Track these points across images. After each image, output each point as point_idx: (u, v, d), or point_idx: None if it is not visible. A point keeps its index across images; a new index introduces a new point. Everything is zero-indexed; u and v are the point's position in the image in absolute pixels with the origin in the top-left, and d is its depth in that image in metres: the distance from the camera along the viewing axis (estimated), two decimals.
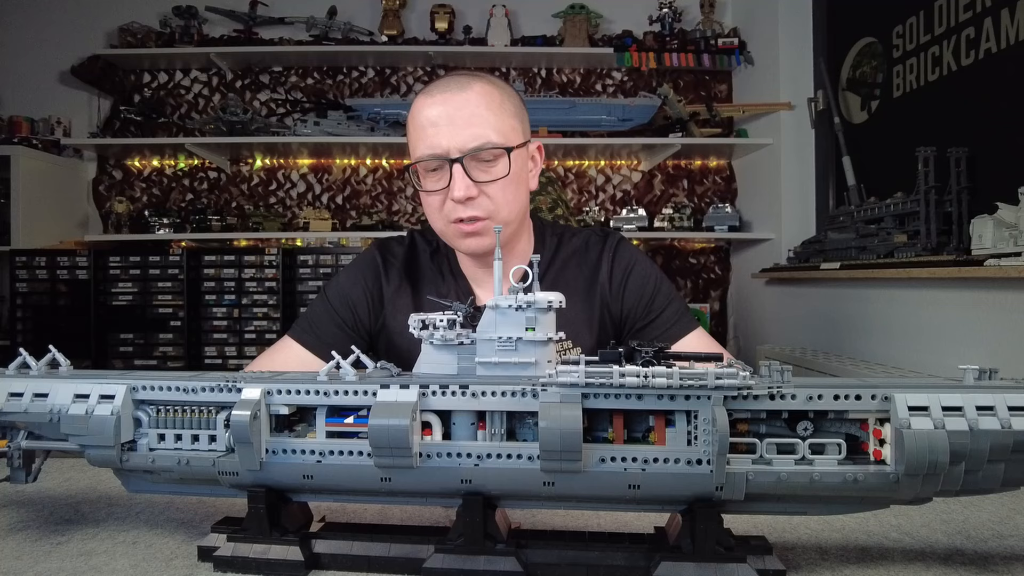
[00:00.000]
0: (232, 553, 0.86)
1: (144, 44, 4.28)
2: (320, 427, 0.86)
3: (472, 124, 1.26)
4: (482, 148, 1.27)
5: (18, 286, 3.81)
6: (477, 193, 1.28)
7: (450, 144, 1.26)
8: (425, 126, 1.29)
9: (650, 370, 0.76)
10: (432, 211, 1.35)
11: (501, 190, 1.30)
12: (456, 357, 0.85)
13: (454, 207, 1.29)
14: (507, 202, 1.32)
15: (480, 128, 1.27)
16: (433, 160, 1.28)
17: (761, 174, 4.24)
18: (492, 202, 1.30)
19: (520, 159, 1.35)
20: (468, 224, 1.30)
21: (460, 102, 1.28)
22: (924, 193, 2.59)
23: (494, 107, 1.30)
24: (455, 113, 1.27)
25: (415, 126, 1.32)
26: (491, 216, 1.31)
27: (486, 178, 1.28)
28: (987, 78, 2.62)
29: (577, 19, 4.31)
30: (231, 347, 3.84)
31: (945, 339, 2.58)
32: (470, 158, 1.27)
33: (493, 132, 1.28)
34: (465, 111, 1.27)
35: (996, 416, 0.75)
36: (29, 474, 0.97)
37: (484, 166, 1.29)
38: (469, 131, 1.26)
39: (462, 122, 1.26)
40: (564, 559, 0.83)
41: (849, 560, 0.90)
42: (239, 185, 4.52)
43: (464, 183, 1.26)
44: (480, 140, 1.26)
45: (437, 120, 1.27)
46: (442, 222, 1.34)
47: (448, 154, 1.26)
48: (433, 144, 1.27)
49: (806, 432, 0.80)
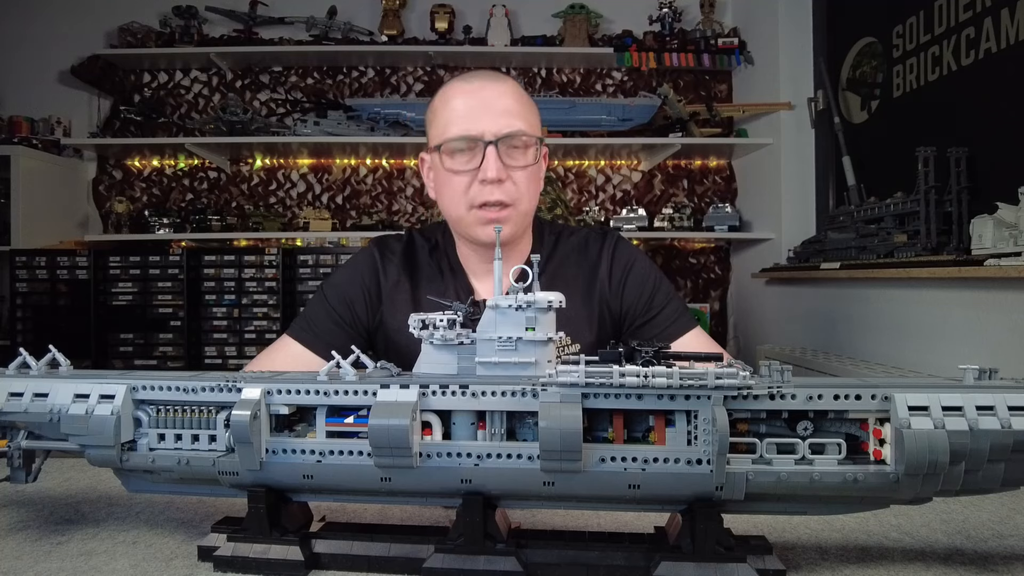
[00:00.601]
0: (232, 553, 0.86)
1: (144, 44, 4.28)
2: (320, 427, 0.86)
3: (508, 112, 1.33)
4: (516, 134, 1.33)
5: (18, 286, 3.81)
6: (506, 176, 1.33)
7: (486, 127, 1.31)
8: (460, 109, 1.34)
9: (650, 370, 0.76)
10: (455, 194, 1.36)
11: (526, 179, 1.36)
12: (456, 357, 0.85)
13: (480, 190, 1.32)
14: (529, 192, 1.37)
15: (513, 118, 1.34)
16: (465, 141, 1.32)
17: (761, 174, 4.24)
18: (517, 189, 1.35)
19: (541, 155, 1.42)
20: (493, 210, 1.33)
21: (497, 91, 1.35)
22: (924, 193, 2.59)
23: (525, 102, 1.39)
24: (493, 100, 1.34)
25: (448, 108, 1.36)
26: (514, 203, 1.35)
27: (517, 164, 1.34)
28: (987, 78, 2.62)
29: (577, 19, 4.31)
30: (231, 347, 3.84)
31: (945, 339, 2.58)
32: (503, 143, 1.32)
33: (524, 123, 1.35)
34: (502, 100, 1.34)
35: (996, 416, 0.75)
36: (29, 474, 0.97)
37: (515, 153, 1.34)
38: (505, 118, 1.33)
39: (498, 110, 1.33)
40: (564, 559, 0.83)
41: (849, 560, 0.90)
42: (239, 185, 4.52)
43: (497, 164, 1.31)
44: (514, 127, 1.33)
45: (474, 104, 1.34)
46: (464, 206, 1.36)
47: (483, 136, 1.31)
48: (468, 127, 1.32)
49: (806, 432, 0.80)
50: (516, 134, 1.32)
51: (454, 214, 1.39)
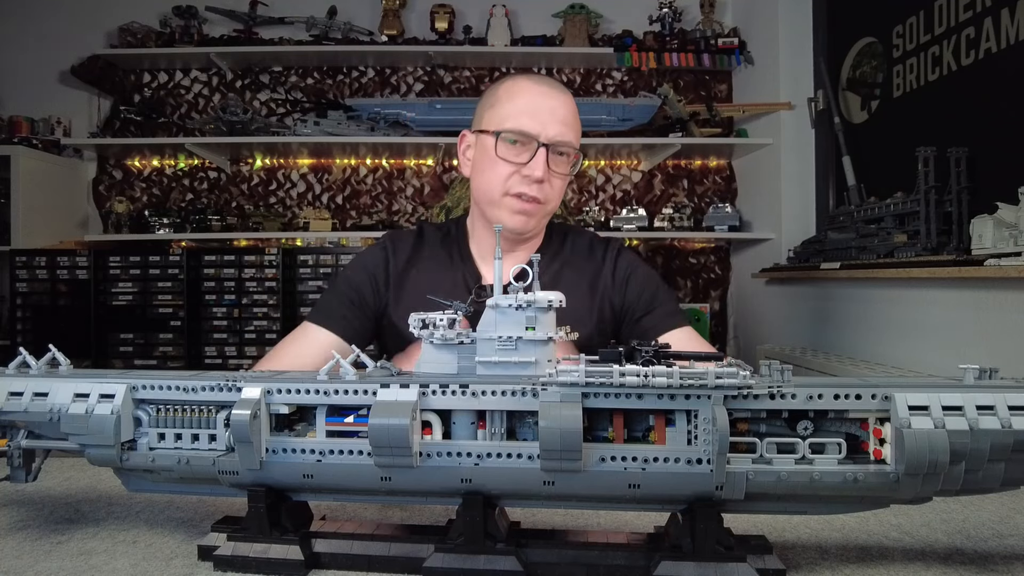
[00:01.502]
0: (232, 552, 0.86)
1: (144, 44, 4.28)
2: (320, 426, 0.86)
3: (565, 122, 1.45)
4: (566, 144, 1.45)
5: (18, 286, 3.81)
6: (548, 178, 1.44)
7: (543, 130, 1.42)
8: (526, 106, 1.44)
9: (650, 369, 0.76)
10: (496, 177, 1.45)
11: (560, 184, 1.49)
12: (456, 356, 0.85)
13: (521, 182, 1.42)
14: (558, 196, 1.50)
15: (569, 128, 1.46)
16: (522, 136, 1.42)
17: (761, 174, 4.24)
18: (552, 192, 1.46)
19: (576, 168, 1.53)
20: (528, 202, 1.43)
21: (561, 100, 1.47)
22: (924, 193, 2.59)
23: (576, 117, 1.51)
24: (557, 108, 1.45)
25: (514, 102, 1.46)
26: (546, 203, 1.46)
27: (559, 170, 1.46)
28: (987, 78, 2.62)
29: (577, 19, 4.31)
30: (231, 347, 3.84)
31: (945, 339, 2.58)
32: (553, 148, 1.43)
33: (573, 136, 1.48)
34: (563, 110, 1.46)
35: (996, 416, 0.75)
36: (29, 473, 0.96)
37: (559, 159, 1.46)
38: (562, 127, 1.44)
39: (559, 117, 1.44)
40: (564, 559, 0.83)
41: (849, 560, 0.90)
42: (239, 185, 4.52)
43: (544, 165, 1.42)
44: (566, 137, 1.45)
45: (540, 106, 1.44)
46: (500, 190, 1.44)
47: (539, 137, 1.41)
48: (528, 124, 1.42)
49: (806, 432, 0.80)
50: (566, 144, 1.44)
51: (488, 196, 1.47)
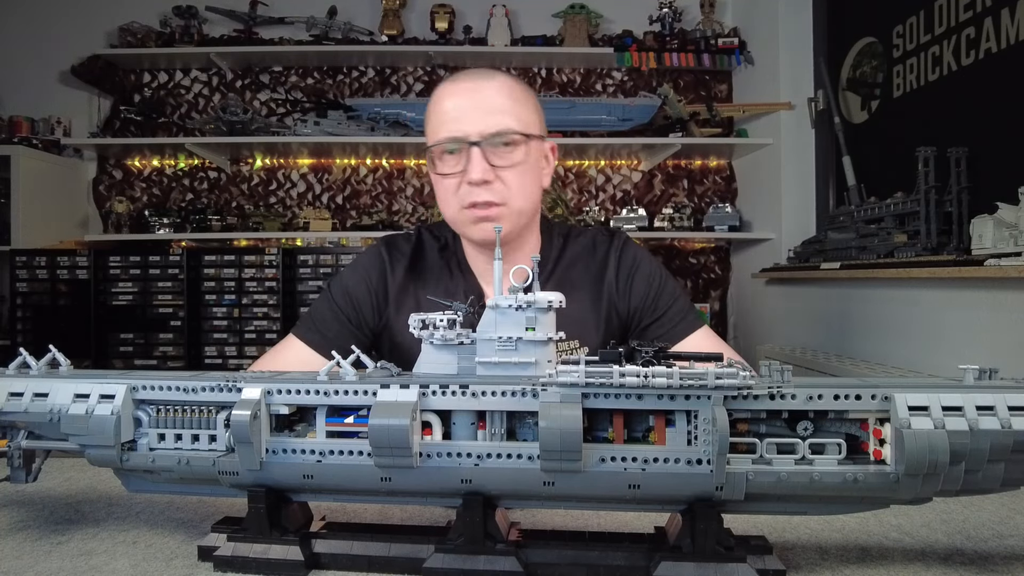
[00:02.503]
0: (232, 553, 0.86)
1: (144, 44, 4.28)
2: (320, 427, 0.86)
3: (494, 111, 1.31)
4: (502, 133, 1.30)
5: (18, 286, 3.81)
6: (493, 177, 1.30)
7: (471, 128, 1.29)
8: (448, 110, 1.32)
9: (650, 370, 0.76)
10: (447, 195, 1.36)
11: (517, 177, 1.33)
12: (456, 357, 0.85)
13: (469, 190, 1.31)
14: (521, 189, 1.34)
15: (501, 116, 1.31)
16: (452, 143, 1.31)
17: (761, 174, 4.24)
18: (507, 188, 1.32)
19: (536, 151, 1.38)
20: (482, 209, 1.31)
21: (484, 90, 1.33)
22: (924, 193, 2.59)
23: (516, 97, 1.34)
24: (480, 100, 1.32)
25: (438, 111, 1.35)
26: (505, 202, 1.33)
27: (503, 163, 1.31)
28: (987, 78, 2.62)
29: (577, 19, 4.31)
30: (231, 347, 3.84)
31: (945, 339, 2.58)
32: (489, 143, 1.30)
33: (513, 120, 1.32)
34: (489, 99, 1.31)
35: (996, 416, 0.75)
36: (29, 474, 0.97)
37: (502, 151, 1.31)
38: (491, 117, 1.30)
39: (485, 109, 1.31)
40: (564, 559, 0.83)
41: (849, 560, 0.90)
42: (239, 185, 4.52)
43: (481, 165, 1.28)
44: (500, 126, 1.30)
45: (461, 105, 1.32)
46: (456, 207, 1.35)
47: (468, 137, 1.29)
48: (454, 128, 1.31)
49: (806, 432, 0.80)
50: (502, 133, 1.30)
51: (448, 215, 1.39)
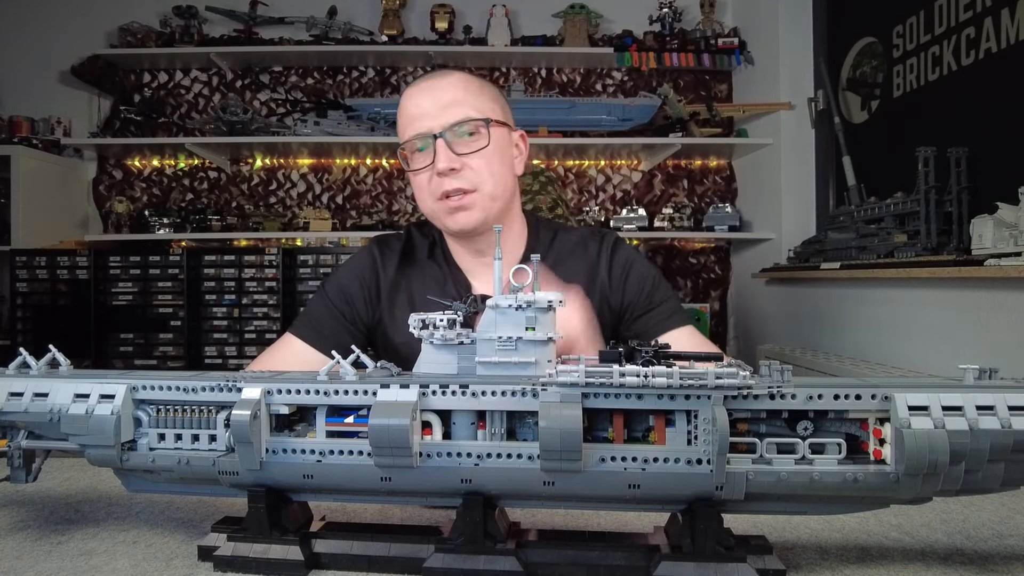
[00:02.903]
0: (232, 553, 0.86)
1: (144, 44, 4.28)
2: (320, 427, 0.86)
3: (451, 104, 1.36)
4: (462, 121, 1.35)
5: (18, 286, 3.81)
6: (460, 165, 1.35)
7: (432, 123, 1.35)
8: (411, 111, 1.39)
9: (650, 370, 0.76)
10: (421, 191, 1.42)
11: (484, 161, 1.37)
12: (456, 357, 0.85)
13: (440, 181, 1.36)
14: (491, 174, 1.38)
15: (459, 107, 1.37)
16: (419, 140, 1.37)
17: (761, 174, 4.24)
18: (476, 174, 1.36)
19: (501, 137, 1.41)
20: (455, 199, 1.36)
21: (442, 87, 1.39)
22: (924, 193, 2.59)
23: (472, 89, 1.40)
24: (438, 96, 1.38)
25: (403, 115, 1.41)
26: (477, 188, 1.36)
27: (467, 150, 1.36)
28: (987, 78, 2.62)
29: (577, 19, 4.31)
30: (231, 347, 3.84)
31: (945, 339, 2.58)
32: (452, 133, 1.35)
33: (472, 109, 1.37)
34: (447, 94, 1.38)
35: (996, 416, 0.75)
36: (29, 474, 0.96)
37: (466, 140, 1.37)
38: (449, 109, 1.36)
39: (445, 100, 1.37)
40: (564, 559, 0.83)
41: (849, 560, 0.90)
42: (239, 185, 4.52)
43: (446, 154, 1.34)
44: (459, 115, 1.36)
45: (422, 103, 1.38)
46: (431, 200, 1.40)
47: (431, 131, 1.35)
48: (418, 126, 1.37)
49: (806, 432, 0.80)
50: (460, 122, 1.35)
51: (426, 209, 1.44)
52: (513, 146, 1.47)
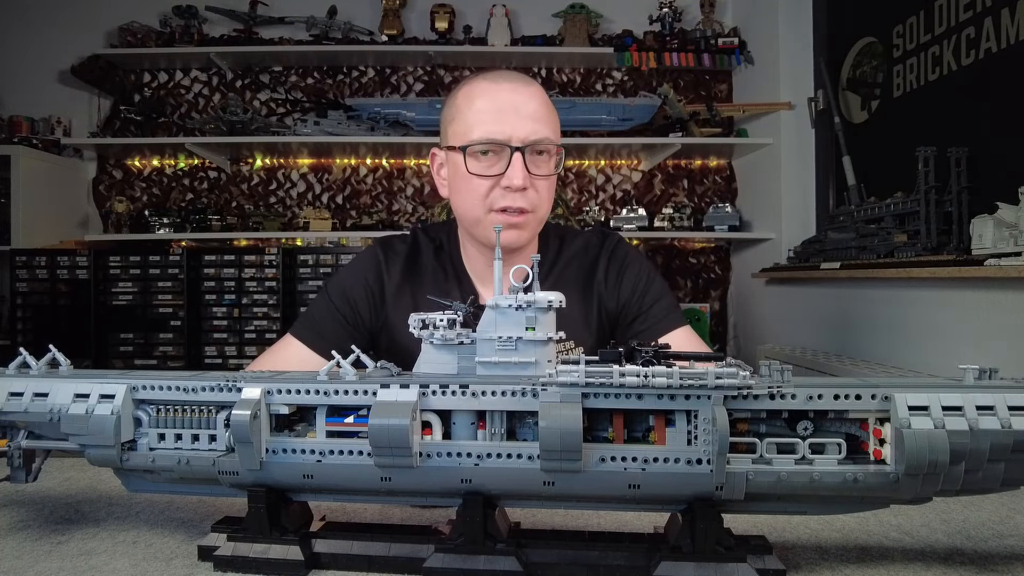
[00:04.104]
0: (232, 553, 0.86)
1: (144, 44, 4.28)
2: (320, 427, 0.86)
3: (536, 118, 1.30)
4: (543, 142, 1.30)
5: (18, 286, 3.81)
6: (530, 184, 1.31)
7: (513, 132, 1.28)
8: (488, 110, 1.30)
9: (650, 370, 0.76)
10: (474, 196, 1.33)
11: (547, 187, 1.35)
12: (456, 357, 0.85)
13: (502, 195, 1.30)
14: (547, 200, 1.36)
15: (541, 124, 1.31)
16: (491, 145, 1.29)
17: (761, 174, 4.24)
18: (538, 196, 1.33)
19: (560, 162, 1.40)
20: (512, 215, 1.31)
21: (526, 95, 1.32)
22: (924, 193, 2.59)
23: (550, 108, 1.36)
24: (521, 104, 1.30)
25: (474, 109, 1.32)
26: (535, 210, 1.34)
27: (540, 172, 1.32)
28: (987, 78, 2.62)
29: (577, 19, 4.31)
30: (231, 347, 3.84)
31: (945, 339, 2.58)
32: (529, 150, 1.29)
33: (550, 130, 1.33)
34: (531, 104, 1.31)
35: (996, 416, 0.75)
36: (29, 474, 0.96)
37: (539, 160, 1.32)
38: (533, 124, 1.29)
39: (529, 113, 1.30)
40: (564, 559, 0.83)
41: (849, 560, 0.90)
42: (239, 185, 4.52)
43: (523, 172, 1.28)
44: (541, 135, 1.30)
45: (502, 107, 1.30)
46: (482, 209, 1.33)
47: (510, 141, 1.28)
48: (495, 130, 1.29)
49: (806, 432, 0.80)
50: (543, 142, 1.30)
51: (471, 215, 1.37)
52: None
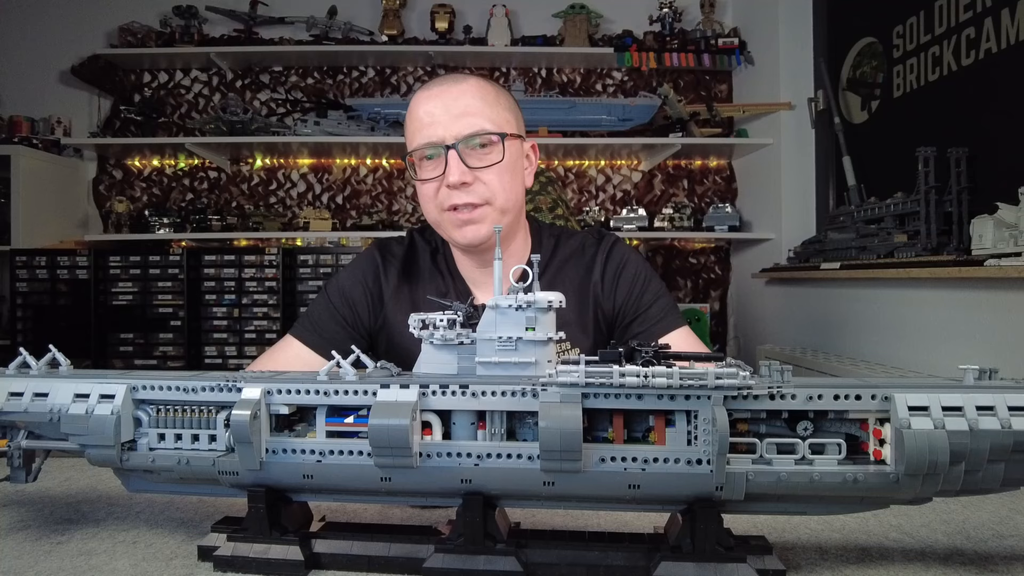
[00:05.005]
0: (232, 553, 0.86)
1: (144, 44, 4.28)
2: (320, 427, 0.86)
3: (467, 113, 1.31)
4: (476, 134, 1.30)
5: (18, 286, 3.81)
6: (472, 179, 1.31)
7: (445, 132, 1.30)
8: (422, 117, 1.33)
9: (650, 370, 0.76)
10: (427, 200, 1.37)
11: (497, 176, 1.33)
12: (456, 357, 0.85)
13: (449, 194, 1.31)
14: (503, 188, 1.34)
15: (475, 117, 1.31)
16: (429, 148, 1.32)
17: (761, 174, 4.24)
18: (488, 188, 1.32)
19: (515, 150, 1.38)
20: (464, 212, 1.32)
21: (456, 94, 1.33)
22: (924, 193, 2.59)
23: (488, 99, 1.34)
24: (451, 103, 1.32)
25: (413, 119, 1.36)
26: (488, 202, 1.33)
27: (480, 164, 1.31)
28: (987, 78, 2.62)
29: (577, 19, 4.31)
30: (231, 347, 3.84)
31: (945, 339, 2.58)
32: (465, 145, 1.30)
33: (487, 121, 1.32)
34: (461, 102, 1.32)
35: (996, 416, 0.75)
36: (29, 474, 0.97)
37: (479, 152, 1.32)
38: (464, 120, 1.30)
39: (457, 111, 1.31)
40: (564, 559, 0.83)
41: (849, 560, 0.90)
42: (239, 185, 4.52)
43: (459, 168, 1.29)
44: (474, 127, 1.30)
45: (434, 111, 1.32)
46: (436, 211, 1.36)
47: (443, 141, 1.30)
48: (429, 134, 1.31)
49: (806, 432, 0.80)
50: (476, 134, 1.30)
51: (431, 219, 1.40)
52: (524, 157, 1.44)
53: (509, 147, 1.34)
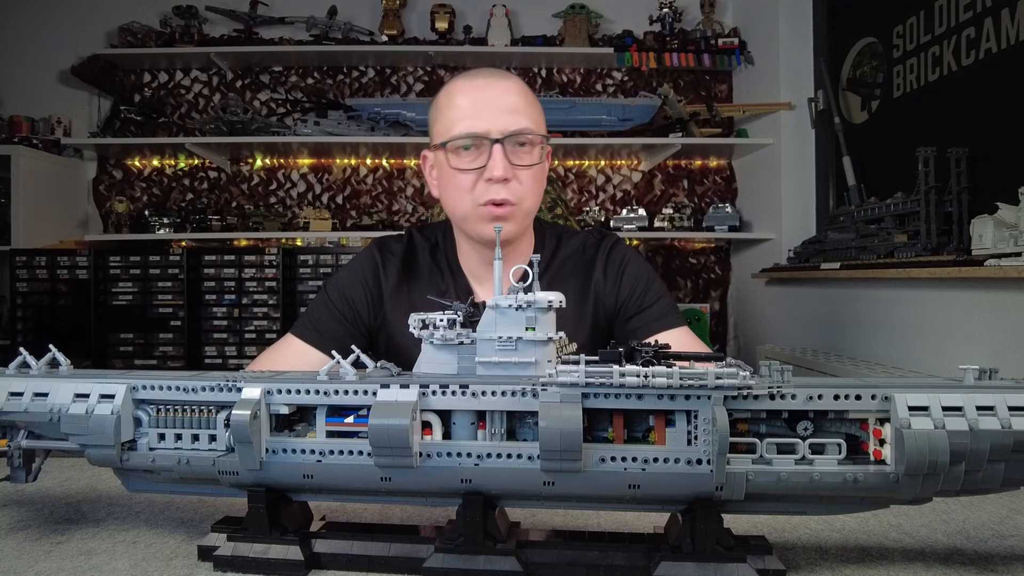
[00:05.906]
0: (232, 553, 0.86)
1: (144, 44, 4.28)
2: (320, 427, 0.86)
3: (514, 110, 1.32)
4: (523, 132, 1.32)
5: (18, 286, 3.81)
6: (512, 175, 1.32)
7: (491, 125, 1.30)
8: (465, 107, 1.33)
9: (650, 370, 0.76)
10: (460, 192, 1.35)
11: (532, 178, 1.35)
12: (456, 357, 0.85)
13: (487, 188, 1.32)
14: (533, 191, 1.37)
15: (520, 116, 1.33)
16: (471, 139, 1.31)
17: (761, 174, 4.24)
18: (523, 188, 1.34)
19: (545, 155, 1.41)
20: (499, 207, 1.32)
21: (503, 89, 1.34)
22: (924, 193, 2.59)
23: (530, 100, 1.37)
24: (498, 98, 1.33)
25: (453, 106, 1.35)
26: (519, 202, 1.34)
27: (520, 163, 1.33)
28: (987, 78, 2.62)
29: (577, 19, 4.31)
30: (231, 347, 3.84)
31: (945, 339, 2.58)
32: (509, 141, 1.31)
33: (530, 121, 1.34)
34: (508, 97, 1.33)
35: (996, 416, 0.75)
36: (29, 473, 0.96)
37: (520, 151, 1.33)
38: (511, 116, 1.32)
39: (505, 107, 1.32)
40: (564, 559, 0.83)
41: (849, 560, 0.90)
42: (239, 185, 4.52)
43: (503, 163, 1.30)
44: (520, 125, 1.32)
45: (480, 101, 1.33)
46: (470, 203, 1.35)
47: (489, 134, 1.30)
48: (474, 125, 1.31)
49: (806, 432, 0.80)
50: (522, 132, 1.32)
51: (459, 212, 1.39)
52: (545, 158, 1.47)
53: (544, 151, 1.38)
